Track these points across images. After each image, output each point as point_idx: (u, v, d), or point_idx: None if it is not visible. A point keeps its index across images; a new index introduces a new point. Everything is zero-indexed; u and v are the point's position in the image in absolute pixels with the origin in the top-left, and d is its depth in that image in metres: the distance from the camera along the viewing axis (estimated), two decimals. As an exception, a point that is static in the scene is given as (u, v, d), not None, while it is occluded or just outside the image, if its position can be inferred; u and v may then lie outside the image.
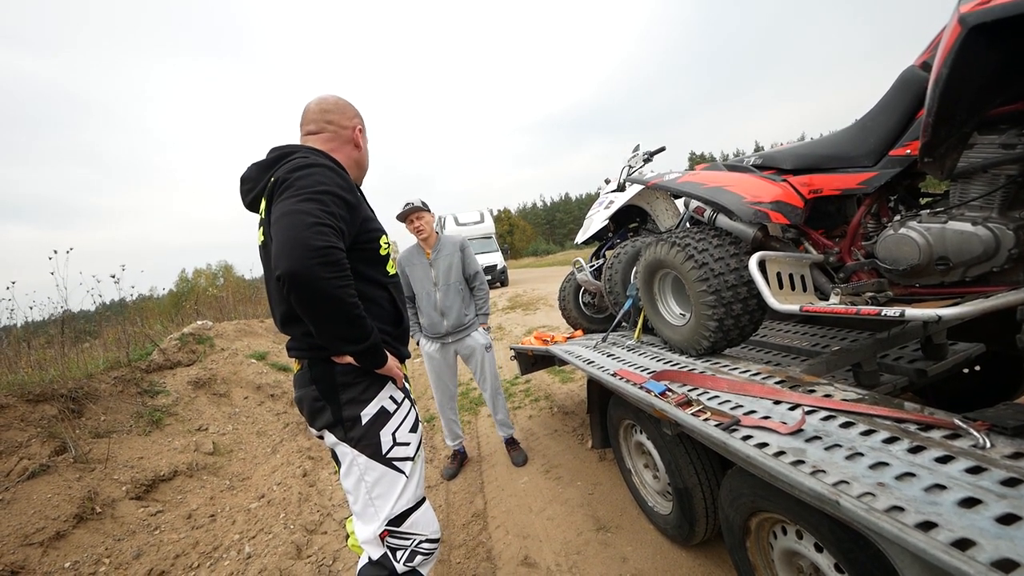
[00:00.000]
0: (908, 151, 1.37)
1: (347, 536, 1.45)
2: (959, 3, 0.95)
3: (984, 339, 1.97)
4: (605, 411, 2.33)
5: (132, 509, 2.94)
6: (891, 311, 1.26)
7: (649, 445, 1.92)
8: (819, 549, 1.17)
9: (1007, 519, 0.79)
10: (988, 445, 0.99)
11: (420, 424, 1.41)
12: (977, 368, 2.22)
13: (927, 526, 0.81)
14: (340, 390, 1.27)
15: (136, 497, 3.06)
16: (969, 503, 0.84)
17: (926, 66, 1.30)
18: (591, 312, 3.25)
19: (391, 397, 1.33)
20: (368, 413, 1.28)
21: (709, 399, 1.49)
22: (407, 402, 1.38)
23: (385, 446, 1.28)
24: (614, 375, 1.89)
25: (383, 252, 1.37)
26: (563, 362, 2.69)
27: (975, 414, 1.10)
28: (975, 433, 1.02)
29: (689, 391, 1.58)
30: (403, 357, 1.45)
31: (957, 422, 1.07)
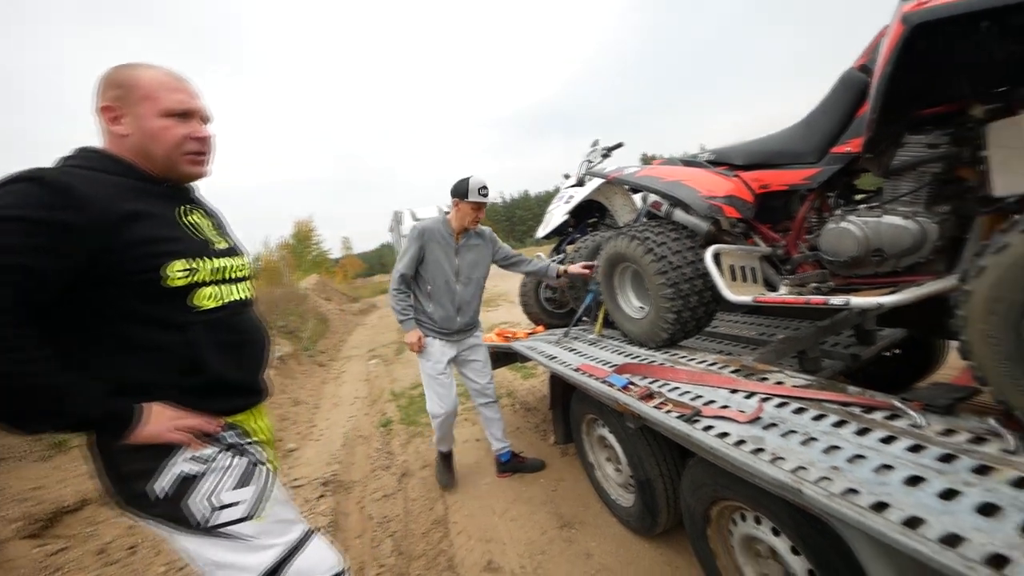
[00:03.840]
0: (848, 148, 1.44)
1: None
2: (901, 3, 1.00)
3: (904, 325, 2.13)
4: (568, 407, 2.33)
5: (25, 550, 2.48)
6: (837, 300, 1.33)
7: (612, 439, 1.94)
8: (776, 533, 1.21)
9: (947, 494, 0.84)
10: (924, 424, 1.05)
11: (258, 467, 1.13)
12: (897, 351, 2.41)
13: (880, 507, 0.84)
14: (121, 462, 1.01)
15: (31, 535, 2.58)
16: (914, 481, 0.89)
17: (864, 68, 1.38)
18: (552, 307, 3.25)
19: (193, 458, 1.04)
20: (161, 487, 1.01)
21: (670, 391, 1.52)
22: (226, 455, 1.09)
23: (200, 515, 1.02)
24: (577, 370, 1.89)
25: (177, 282, 1.01)
26: (526, 359, 2.68)
27: (911, 394, 1.17)
28: (912, 413, 1.09)
29: (651, 383, 1.60)
30: (218, 412, 1.12)
31: (896, 403, 1.13)
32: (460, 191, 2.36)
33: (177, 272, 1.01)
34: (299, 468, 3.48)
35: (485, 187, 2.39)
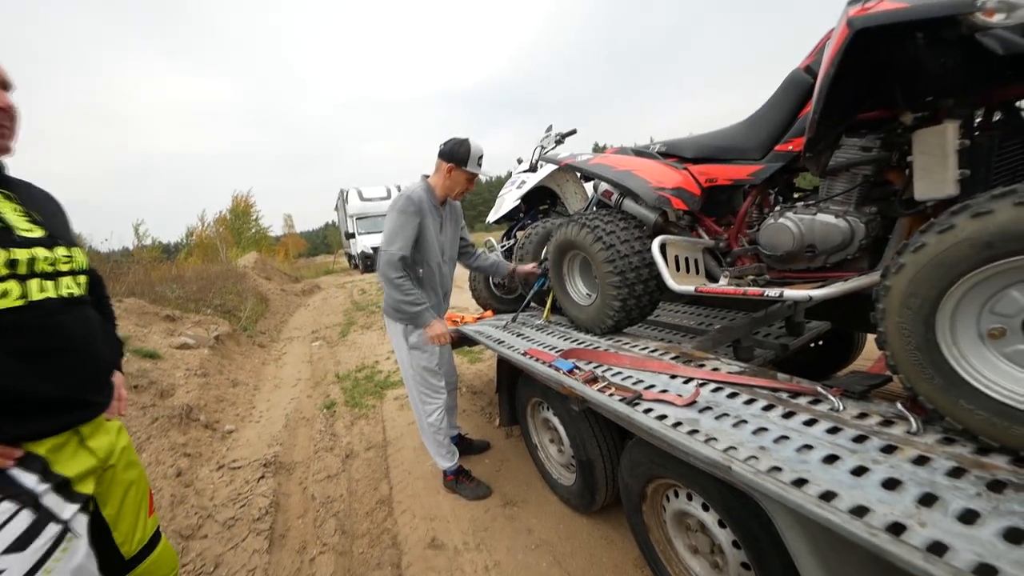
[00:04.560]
0: (790, 147, 1.51)
1: None
2: (847, 7, 1.04)
3: (829, 318, 2.31)
4: (514, 390, 2.35)
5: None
6: (773, 292, 1.40)
7: (555, 421, 1.97)
8: (706, 508, 1.28)
9: (858, 471, 0.91)
10: (842, 408, 1.14)
11: (48, 526, 0.93)
12: (820, 343, 2.61)
13: (800, 483, 0.90)
14: None
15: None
16: (830, 459, 0.96)
17: (809, 70, 1.44)
18: (501, 292, 3.24)
19: None
20: None
21: (613, 375, 1.55)
22: (10, 503, 0.89)
23: None
24: (525, 355, 1.89)
25: None
26: (473, 342, 2.66)
27: (831, 381, 1.27)
28: (832, 398, 1.17)
29: (595, 368, 1.63)
30: (17, 437, 0.94)
31: (819, 389, 1.22)
32: (458, 156, 2.01)
33: None
34: (237, 450, 3.31)
35: (483, 155, 2.08)
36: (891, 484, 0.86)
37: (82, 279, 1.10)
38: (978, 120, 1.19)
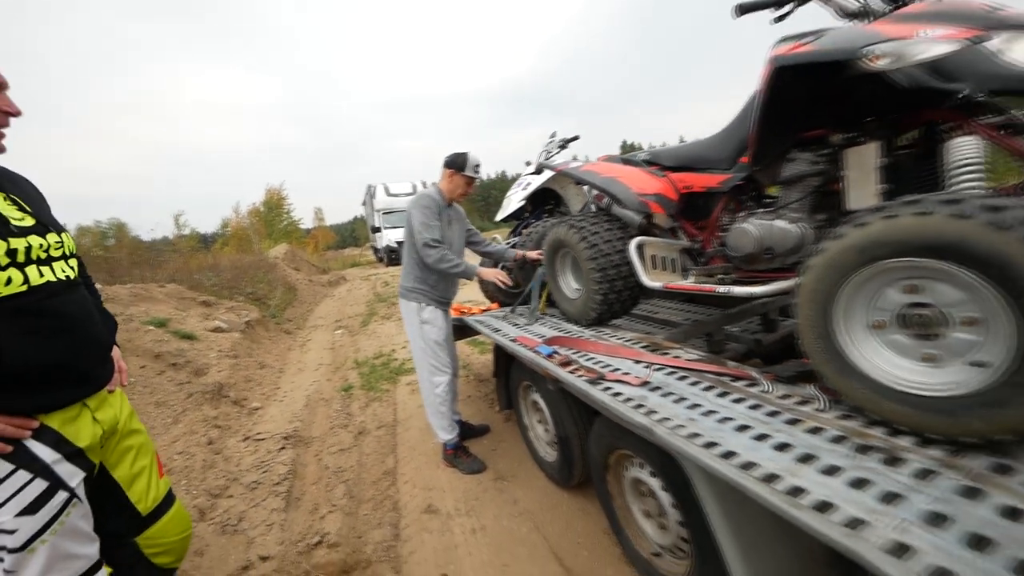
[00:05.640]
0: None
1: None
2: (773, 46, 1.21)
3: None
4: (509, 375, 2.57)
5: None
6: (722, 288, 1.58)
7: (542, 402, 2.18)
8: (653, 475, 1.47)
9: (760, 437, 1.09)
10: (770, 390, 1.32)
11: (58, 491, 1.03)
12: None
13: (710, 445, 1.09)
14: None
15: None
16: (742, 428, 1.14)
17: None
18: (507, 287, 3.46)
19: None
20: None
21: (586, 360, 1.75)
22: (22, 474, 0.99)
23: None
24: (514, 341, 2.11)
25: None
26: (476, 331, 2.89)
27: (770, 368, 1.44)
28: (764, 382, 1.35)
29: (573, 354, 1.83)
30: (33, 409, 1.03)
31: (754, 374, 1.39)
32: (457, 163, 2.44)
33: None
34: (262, 424, 3.65)
35: (480, 164, 2.50)
36: (782, 447, 1.04)
37: (74, 262, 1.16)
38: (905, 141, 1.34)
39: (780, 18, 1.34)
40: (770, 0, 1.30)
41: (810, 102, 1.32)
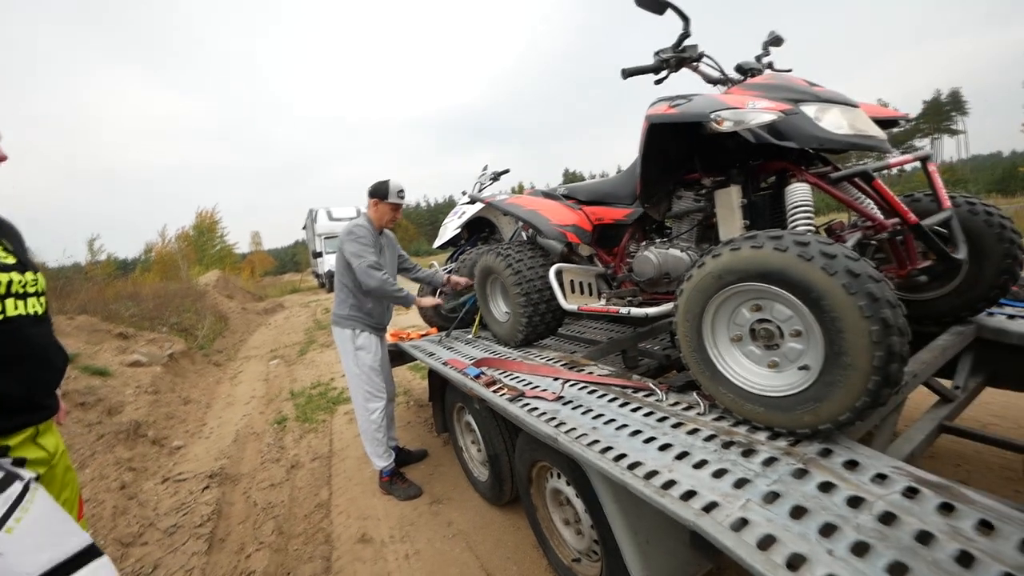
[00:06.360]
0: (646, 197, 1.91)
1: None
2: (649, 106, 1.44)
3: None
4: (444, 398, 2.63)
5: None
6: (624, 309, 1.77)
7: (473, 423, 2.26)
8: (568, 484, 1.60)
9: (649, 440, 1.25)
10: (664, 398, 1.49)
11: (15, 482, 1.09)
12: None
13: (606, 450, 1.23)
14: None
15: None
16: (635, 433, 1.30)
17: None
18: (444, 311, 3.54)
19: None
20: None
21: (510, 379, 1.87)
22: None
23: None
24: (445, 364, 2.19)
25: None
26: (412, 357, 2.93)
27: (663, 379, 1.62)
28: (659, 391, 1.52)
29: (499, 374, 1.95)
30: None
31: (651, 385, 1.57)
32: (380, 192, 2.51)
33: None
34: (184, 463, 3.44)
35: (403, 190, 2.57)
36: (665, 448, 1.20)
37: (43, 299, 1.27)
38: (764, 185, 1.61)
39: (659, 81, 1.58)
40: (649, 67, 1.54)
41: (682, 151, 1.56)
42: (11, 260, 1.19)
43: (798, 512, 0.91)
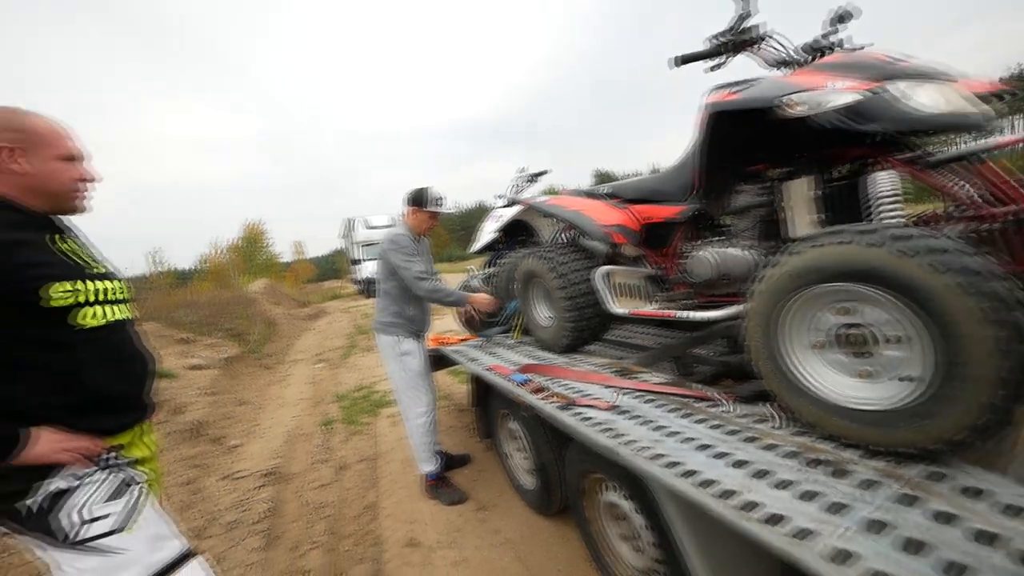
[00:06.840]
0: (702, 192, 1.79)
1: None
2: (707, 94, 1.34)
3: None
4: (487, 404, 2.59)
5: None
6: (680, 313, 1.66)
7: (520, 430, 2.21)
8: (626, 498, 1.51)
9: (720, 455, 1.15)
10: (731, 410, 1.38)
11: (131, 486, 1.19)
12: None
13: (673, 464, 1.14)
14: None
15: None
16: (703, 447, 1.20)
17: None
18: (486, 318, 3.51)
19: (71, 475, 1.10)
20: (34, 502, 1.06)
21: (559, 386, 1.80)
22: (101, 472, 1.14)
23: (70, 529, 1.06)
24: (489, 369, 2.15)
25: (59, 302, 1.08)
26: (454, 361, 2.91)
27: (732, 389, 1.51)
28: (725, 402, 1.41)
29: (546, 380, 1.88)
30: (97, 431, 1.16)
31: (716, 395, 1.46)
32: (419, 199, 2.48)
33: (58, 293, 1.07)
34: (242, 462, 3.56)
35: (441, 198, 2.53)
36: (740, 464, 1.10)
37: (130, 306, 1.34)
38: (839, 174, 1.47)
39: (715, 67, 1.47)
40: (705, 52, 1.44)
41: (746, 141, 1.44)
42: (102, 269, 1.26)
43: (913, 546, 0.79)
